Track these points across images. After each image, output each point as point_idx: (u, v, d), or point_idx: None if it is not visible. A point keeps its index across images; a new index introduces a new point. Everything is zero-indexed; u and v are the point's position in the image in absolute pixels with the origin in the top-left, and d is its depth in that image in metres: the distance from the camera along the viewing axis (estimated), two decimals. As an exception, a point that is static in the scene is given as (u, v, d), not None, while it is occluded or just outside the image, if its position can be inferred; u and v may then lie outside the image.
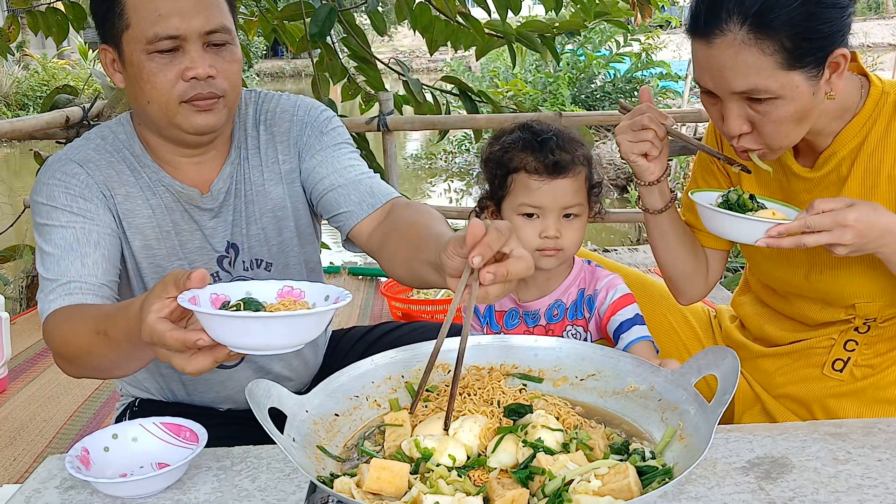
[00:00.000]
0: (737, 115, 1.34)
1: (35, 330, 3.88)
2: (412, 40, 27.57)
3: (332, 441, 1.16)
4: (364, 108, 4.88)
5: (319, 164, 1.61)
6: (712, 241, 1.67)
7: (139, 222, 1.53)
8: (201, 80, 1.43)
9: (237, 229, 1.61)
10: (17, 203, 5.29)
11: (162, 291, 1.09)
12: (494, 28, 4.36)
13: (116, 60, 1.48)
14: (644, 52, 11.55)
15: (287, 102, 1.66)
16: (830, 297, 1.52)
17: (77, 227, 1.45)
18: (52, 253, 1.43)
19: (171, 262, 1.56)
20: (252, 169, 1.61)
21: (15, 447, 2.71)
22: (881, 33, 23.52)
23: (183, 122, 1.46)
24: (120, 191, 1.52)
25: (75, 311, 1.37)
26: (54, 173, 1.50)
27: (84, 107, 4.69)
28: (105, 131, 1.58)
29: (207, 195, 1.57)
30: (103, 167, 1.52)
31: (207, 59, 1.43)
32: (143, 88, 1.44)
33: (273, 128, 1.63)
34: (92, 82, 9.46)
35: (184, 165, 1.56)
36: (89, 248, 1.44)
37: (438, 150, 11.97)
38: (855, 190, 1.45)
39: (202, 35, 1.42)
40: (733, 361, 1.11)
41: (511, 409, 1.19)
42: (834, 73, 1.32)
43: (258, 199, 1.61)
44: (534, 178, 1.54)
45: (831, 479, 1.16)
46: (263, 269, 1.64)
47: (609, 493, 0.96)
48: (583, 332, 1.62)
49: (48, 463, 1.30)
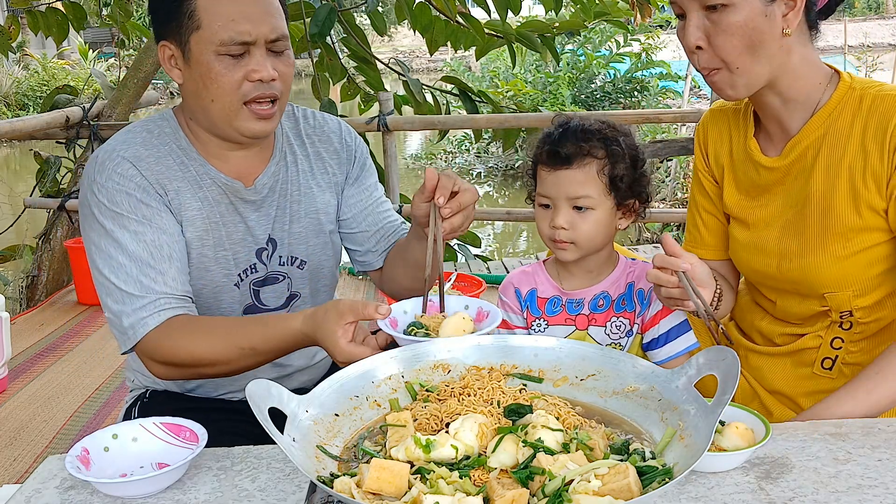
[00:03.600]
0: (695, 25, 1.43)
1: (35, 330, 3.89)
2: (412, 40, 27.57)
3: (332, 441, 1.16)
4: (364, 108, 4.88)
5: (356, 200, 1.78)
6: (710, 253, 1.71)
7: (191, 215, 1.58)
8: (265, 82, 1.51)
9: (278, 225, 1.68)
10: (17, 203, 5.29)
11: (339, 318, 1.33)
12: (494, 28, 4.36)
13: (177, 57, 1.54)
14: (644, 52, 11.55)
15: (332, 123, 1.80)
16: (802, 287, 1.55)
17: (148, 239, 1.51)
18: (125, 264, 1.50)
19: (217, 253, 1.61)
20: (301, 173, 1.71)
21: (15, 447, 2.71)
22: (881, 33, 23.53)
23: (241, 126, 1.54)
24: (171, 186, 1.57)
25: (197, 324, 1.50)
26: (111, 174, 1.53)
27: (84, 107, 4.69)
28: (150, 125, 1.62)
29: (251, 188, 1.64)
30: (153, 163, 1.56)
31: (269, 61, 1.52)
32: (208, 87, 1.51)
33: (323, 143, 1.76)
34: (92, 82, 9.47)
35: (230, 159, 1.63)
36: (165, 263, 1.51)
37: (438, 150, 11.97)
38: (819, 180, 1.49)
39: (267, 41, 1.51)
40: (733, 361, 1.11)
41: (511, 409, 1.19)
42: (791, 10, 1.40)
43: (305, 199, 1.71)
44: (544, 169, 1.58)
45: (831, 479, 1.16)
46: (297, 267, 1.72)
47: (609, 493, 0.96)
48: (628, 325, 1.62)
49: (48, 463, 1.30)
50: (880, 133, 1.41)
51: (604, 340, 1.62)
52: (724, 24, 1.39)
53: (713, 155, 1.67)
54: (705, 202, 1.70)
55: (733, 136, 1.63)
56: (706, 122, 1.69)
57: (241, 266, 1.64)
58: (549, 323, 1.64)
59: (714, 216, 1.69)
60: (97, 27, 6.47)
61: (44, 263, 4.63)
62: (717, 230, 1.69)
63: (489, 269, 4.64)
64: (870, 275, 1.49)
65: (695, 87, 11.66)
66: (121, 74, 5.40)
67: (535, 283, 1.67)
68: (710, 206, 1.69)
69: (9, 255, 4.92)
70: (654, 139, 6.33)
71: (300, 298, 1.74)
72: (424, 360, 1.33)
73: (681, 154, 5.90)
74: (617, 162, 1.55)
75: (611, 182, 1.55)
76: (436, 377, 1.31)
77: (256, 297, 1.67)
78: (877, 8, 30.52)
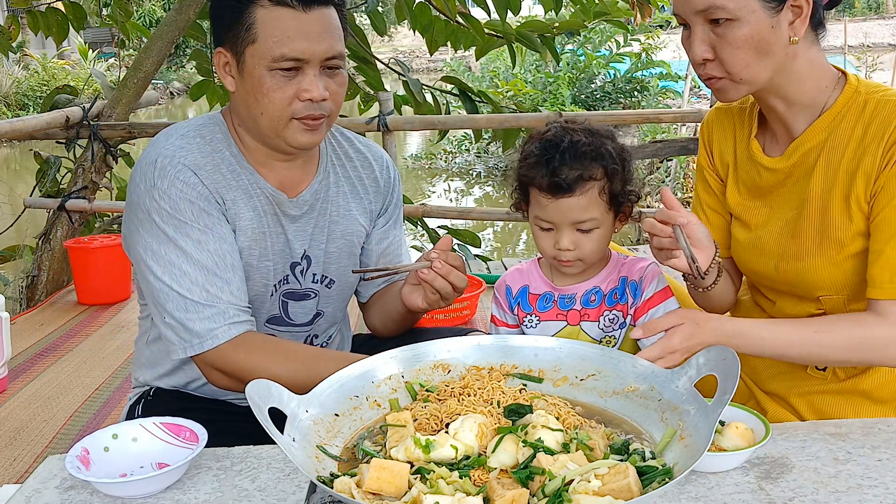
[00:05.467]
0: (700, 38, 1.41)
1: (35, 330, 3.88)
2: (412, 40, 27.57)
3: (332, 441, 1.16)
4: (364, 108, 4.88)
5: (382, 237, 1.80)
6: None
7: (244, 224, 1.58)
8: (315, 102, 1.50)
9: (315, 242, 1.68)
10: (17, 203, 5.29)
11: None
12: (494, 28, 4.36)
13: (231, 65, 1.53)
14: (644, 52, 11.57)
15: (376, 151, 1.81)
16: (798, 289, 1.55)
17: (212, 248, 1.51)
18: (189, 272, 1.49)
19: (261, 263, 1.61)
20: (341, 194, 1.71)
21: (15, 447, 2.71)
22: (881, 33, 23.55)
23: (289, 137, 1.53)
24: (228, 196, 1.56)
25: (275, 345, 1.54)
26: (173, 181, 1.51)
27: (84, 107, 4.68)
28: (203, 130, 1.60)
29: (294, 200, 1.63)
30: (211, 171, 1.55)
31: (322, 81, 1.50)
32: (258, 100, 1.50)
33: (365, 169, 1.76)
34: (92, 82, 9.48)
35: (276, 168, 1.62)
36: (229, 272, 1.52)
37: (438, 150, 11.98)
38: (818, 184, 1.48)
39: (322, 60, 1.49)
40: (733, 361, 1.11)
41: (511, 409, 1.19)
42: (797, 17, 1.38)
43: (343, 221, 1.71)
44: (542, 196, 1.54)
45: (831, 479, 1.16)
46: (326, 286, 1.72)
47: (609, 493, 0.96)
48: (621, 317, 1.62)
49: (48, 463, 1.30)
50: (878, 135, 1.41)
51: (597, 335, 1.63)
52: (731, 38, 1.37)
53: (718, 153, 1.66)
54: (710, 199, 1.69)
55: (737, 135, 1.63)
56: (711, 120, 1.69)
57: (277, 277, 1.64)
58: (540, 318, 1.65)
59: (718, 213, 1.69)
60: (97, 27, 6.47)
61: (44, 263, 4.63)
62: (721, 227, 1.69)
63: (489, 269, 4.64)
64: (863, 279, 1.48)
65: (695, 87, 11.65)
66: (121, 74, 5.40)
67: (528, 280, 1.68)
68: (715, 203, 1.69)
69: (9, 255, 4.91)
70: (654, 139, 6.33)
71: (323, 317, 1.74)
72: (424, 360, 1.33)
73: (681, 154, 5.90)
74: (614, 178, 1.55)
75: (611, 199, 1.56)
76: (436, 377, 1.31)
77: (284, 309, 1.68)
78: (877, 8, 30.52)
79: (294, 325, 1.70)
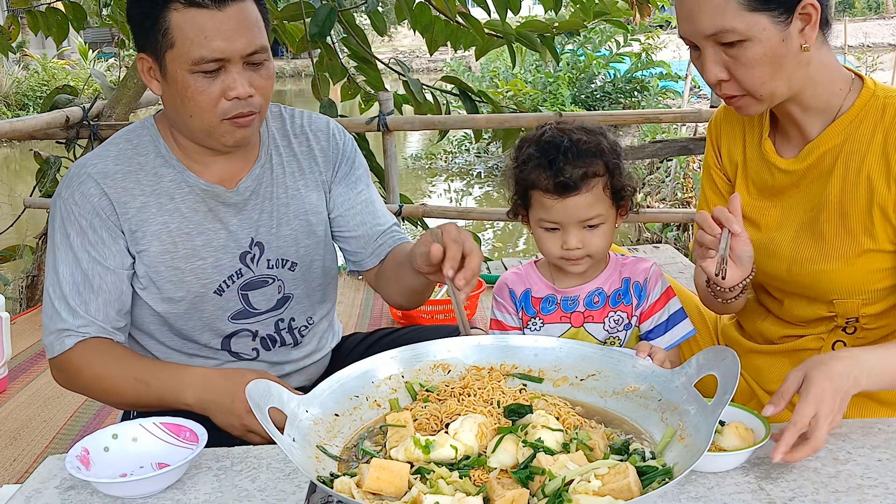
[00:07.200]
0: (713, 61, 1.39)
1: (35, 330, 3.88)
2: (412, 40, 27.57)
3: (332, 441, 1.16)
4: (364, 108, 4.88)
5: (344, 199, 1.76)
6: None
7: (154, 229, 1.58)
8: (242, 99, 1.50)
9: (264, 228, 1.67)
10: (17, 203, 5.29)
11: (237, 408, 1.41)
12: (494, 28, 4.36)
13: (154, 70, 1.53)
14: (644, 52, 11.56)
15: (319, 121, 1.78)
16: (811, 291, 1.54)
17: (84, 267, 1.55)
18: (61, 281, 1.55)
19: (191, 264, 1.60)
20: (288, 175, 1.70)
21: (15, 447, 2.71)
22: (881, 33, 23.54)
23: (222, 138, 1.55)
24: (134, 204, 1.57)
25: (107, 352, 1.55)
26: (73, 192, 1.56)
27: (84, 107, 4.69)
28: (130, 135, 1.63)
29: (233, 190, 1.63)
30: (121, 179, 1.57)
31: (246, 77, 1.50)
32: (185, 104, 1.51)
33: (310, 142, 1.74)
34: (92, 82, 9.47)
35: (212, 164, 1.63)
36: (90, 293, 1.55)
37: (438, 150, 11.97)
38: (836, 187, 1.47)
39: (243, 56, 1.49)
40: (733, 361, 1.11)
41: (511, 410, 1.19)
42: (807, 24, 1.36)
43: (293, 202, 1.70)
44: (547, 197, 1.54)
45: (831, 479, 1.16)
46: (287, 269, 1.70)
47: (609, 493, 0.96)
48: (626, 318, 1.62)
49: (48, 463, 1.30)
50: None
51: (602, 336, 1.62)
52: (745, 59, 1.36)
53: (726, 152, 1.65)
54: (716, 198, 1.68)
55: (747, 135, 1.61)
56: (719, 120, 1.67)
57: (225, 273, 1.63)
58: (544, 321, 1.64)
59: None
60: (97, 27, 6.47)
61: (44, 263, 4.63)
62: None
63: (489, 270, 4.64)
64: (880, 285, 1.48)
65: (695, 87, 11.66)
66: (121, 74, 5.40)
67: (529, 283, 1.67)
68: (722, 202, 1.66)
69: (9, 255, 4.91)
70: (654, 139, 6.33)
71: (294, 300, 1.73)
72: (424, 360, 1.33)
73: (681, 154, 5.90)
74: (615, 172, 1.55)
75: (613, 193, 1.56)
76: (436, 377, 1.31)
77: (246, 301, 1.66)
78: (877, 8, 30.52)
79: (260, 314, 1.69)
